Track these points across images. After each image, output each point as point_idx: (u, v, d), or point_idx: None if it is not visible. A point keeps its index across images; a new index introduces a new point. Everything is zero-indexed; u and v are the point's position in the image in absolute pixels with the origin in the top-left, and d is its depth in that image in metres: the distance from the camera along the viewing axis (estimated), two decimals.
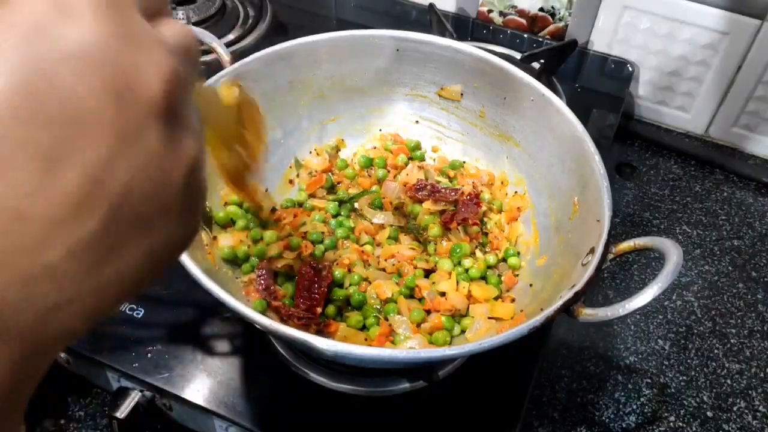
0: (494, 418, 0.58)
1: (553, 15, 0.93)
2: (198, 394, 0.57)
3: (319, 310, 0.57)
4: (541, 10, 0.93)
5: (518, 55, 0.90)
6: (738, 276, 0.77)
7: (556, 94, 0.63)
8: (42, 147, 0.19)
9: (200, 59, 0.26)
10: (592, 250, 0.52)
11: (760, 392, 0.66)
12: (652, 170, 0.90)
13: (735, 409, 0.65)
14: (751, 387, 0.67)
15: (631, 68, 0.91)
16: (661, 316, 0.72)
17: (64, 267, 0.20)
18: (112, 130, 0.20)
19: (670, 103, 0.93)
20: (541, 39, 0.96)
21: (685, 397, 0.66)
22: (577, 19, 0.92)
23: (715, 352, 0.70)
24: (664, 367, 0.68)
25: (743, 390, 0.66)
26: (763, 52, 0.82)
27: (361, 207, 0.69)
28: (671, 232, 0.82)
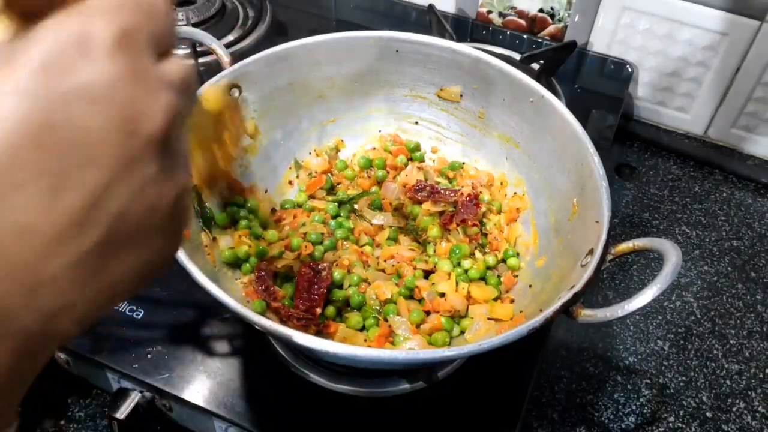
0: (494, 419, 0.58)
1: (553, 16, 0.93)
2: (198, 394, 0.57)
3: (318, 311, 0.57)
4: (541, 11, 0.94)
5: (517, 56, 0.90)
6: (737, 277, 0.77)
7: (556, 95, 0.63)
8: (51, 171, 0.21)
9: (196, 91, 0.29)
10: (591, 251, 0.52)
11: (759, 393, 0.66)
12: (651, 171, 0.90)
13: (734, 410, 0.65)
14: (750, 388, 0.67)
15: (630, 69, 0.91)
16: (661, 317, 0.73)
17: (65, 277, 0.22)
18: (115, 160, 0.22)
19: (670, 104, 0.93)
20: (540, 40, 0.96)
21: (685, 398, 0.66)
22: (576, 20, 0.92)
23: (715, 352, 0.70)
24: (664, 368, 0.68)
25: (742, 390, 0.66)
26: (762, 53, 0.82)
27: (361, 208, 0.69)
28: (670, 233, 0.82)
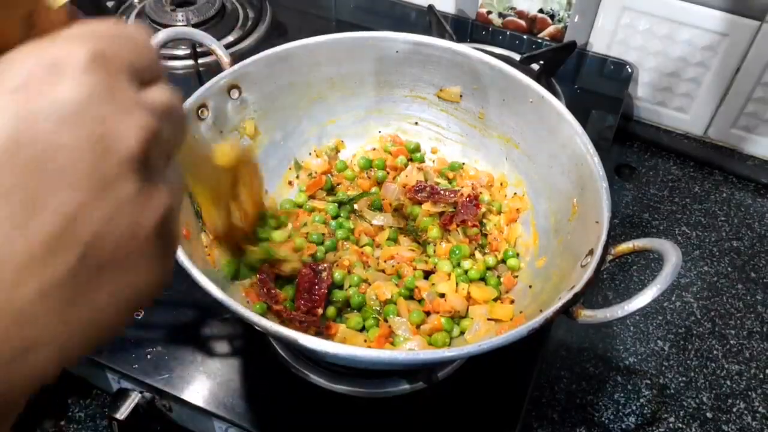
0: (494, 420, 0.58)
1: (553, 16, 0.93)
2: (198, 395, 0.57)
3: (320, 312, 0.57)
4: (541, 11, 0.94)
5: (517, 57, 0.90)
6: (737, 277, 0.77)
7: (555, 96, 0.63)
8: (20, 191, 0.20)
9: (186, 126, 0.28)
10: (591, 252, 0.52)
11: (760, 393, 0.66)
12: (651, 171, 0.90)
13: (734, 410, 0.65)
14: (750, 388, 0.67)
15: (630, 69, 0.91)
16: (661, 317, 0.73)
17: (35, 308, 0.21)
18: (88, 180, 0.21)
19: (669, 105, 0.93)
20: (540, 40, 0.96)
21: (685, 398, 0.66)
22: (576, 20, 0.92)
23: (715, 353, 0.70)
24: (664, 368, 0.68)
25: (743, 391, 0.66)
26: (761, 54, 0.82)
27: (361, 208, 0.69)
28: (670, 234, 0.82)
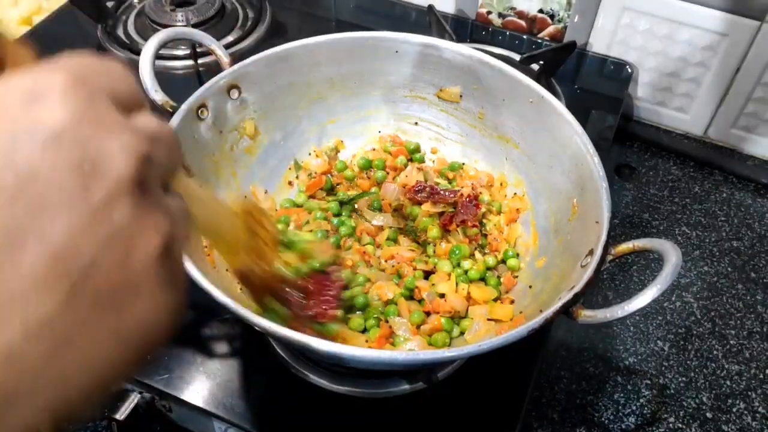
0: (494, 420, 0.58)
1: (552, 16, 0.93)
2: (197, 395, 0.57)
3: (336, 314, 0.55)
4: (540, 11, 0.93)
5: (517, 57, 0.90)
6: (737, 277, 0.77)
7: (555, 96, 0.63)
8: (2, 222, 0.18)
9: (178, 151, 0.26)
10: (591, 252, 0.52)
11: (760, 393, 0.66)
12: (651, 171, 0.90)
13: (734, 410, 0.65)
14: (750, 388, 0.67)
15: (630, 69, 0.91)
16: (661, 318, 0.72)
17: (22, 350, 0.18)
18: (75, 206, 0.20)
19: (669, 105, 0.93)
20: (540, 40, 0.96)
21: (685, 398, 0.66)
22: (576, 20, 0.92)
23: (715, 353, 0.70)
24: (664, 368, 0.68)
25: (742, 391, 0.66)
26: (761, 54, 0.82)
27: (361, 208, 0.69)
28: (670, 234, 0.82)
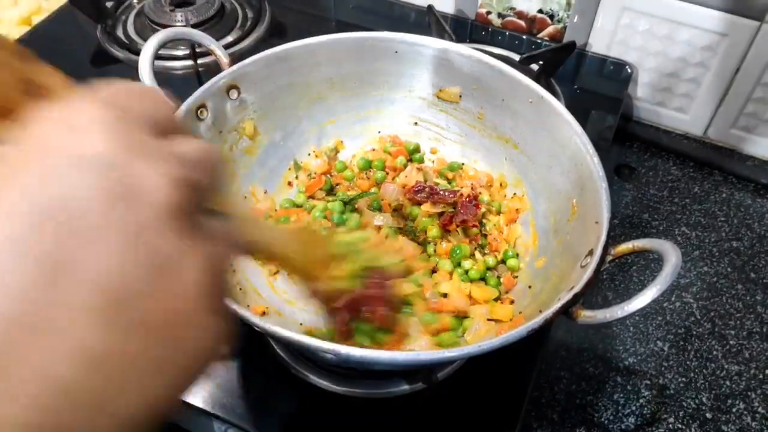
0: (493, 420, 0.58)
1: (552, 16, 0.93)
2: (197, 396, 0.57)
3: (392, 314, 0.53)
4: (540, 11, 0.93)
5: (517, 57, 0.90)
6: (737, 277, 0.77)
7: (555, 96, 0.63)
8: (47, 254, 0.19)
9: (220, 175, 0.26)
10: (590, 252, 0.52)
11: (759, 393, 0.66)
12: (650, 172, 0.90)
13: (734, 411, 0.65)
14: (750, 388, 0.67)
15: (629, 70, 0.91)
16: (660, 318, 0.72)
17: (76, 382, 0.19)
18: (117, 235, 0.20)
19: (669, 105, 0.93)
20: (539, 41, 0.96)
21: (684, 399, 0.66)
22: (575, 20, 0.92)
23: (714, 353, 0.70)
24: (663, 369, 0.68)
25: (742, 391, 0.66)
26: (761, 54, 0.82)
27: (361, 209, 0.69)
28: (670, 234, 0.82)
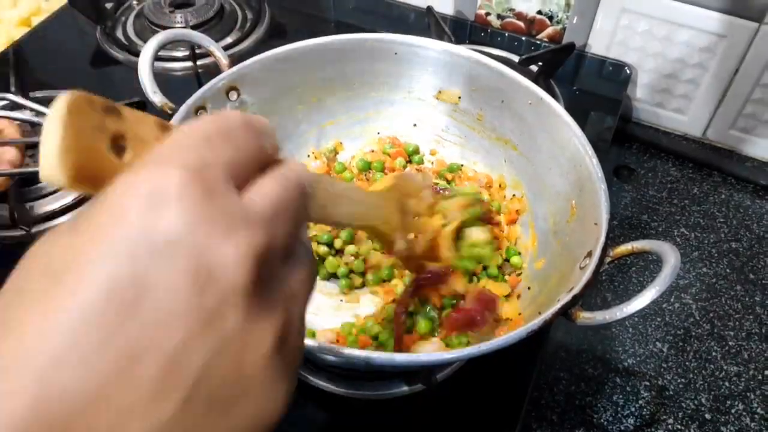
0: (493, 421, 0.58)
1: (551, 18, 0.93)
2: None
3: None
4: (539, 13, 0.94)
5: (516, 58, 0.90)
6: (736, 278, 0.77)
7: (554, 97, 0.63)
8: (119, 336, 0.19)
9: (307, 203, 0.26)
10: (589, 254, 0.52)
11: (758, 394, 0.66)
12: (649, 173, 0.90)
13: (733, 412, 0.65)
14: (749, 389, 0.67)
15: (629, 71, 0.91)
16: (659, 319, 0.72)
17: None
18: (187, 317, 0.20)
19: (668, 106, 0.93)
20: (539, 42, 0.96)
21: (684, 400, 0.66)
22: (575, 21, 0.92)
23: (714, 354, 0.70)
24: (663, 370, 0.68)
25: (741, 392, 0.66)
26: (760, 55, 0.82)
27: None
28: (669, 235, 0.82)
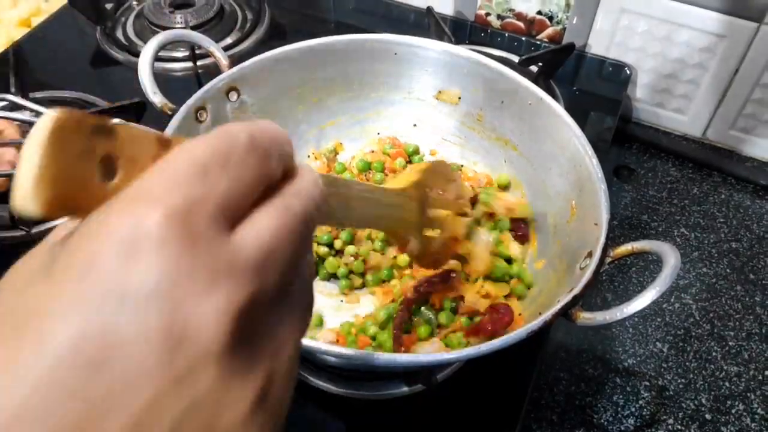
0: (493, 421, 0.58)
1: (551, 18, 0.93)
2: None
3: None
4: (539, 13, 0.94)
5: (516, 59, 0.90)
6: (736, 278, 0.77)
7: (554, 98, 0.63)
8: (84, 393, 0.18)
9: (312, 231, 0.25)
10: (590, 254, 0.52)
11: (759, 395, 0.66)
12: (649, 173, 0.90)
13: (733, 412, 0.65)
14: (749, 389, 0.67)
15: (628, 71, 0.91)
16: (660, 319, 0.72)
17: None
18: (160, 377, 0.19)
19: (668, 106, 0.93)
20: (538, 42, 0.96)
21: (684, 400, 0.66)
22: (574, 22, 0.92)
23: (714, 354, 0.70)
24: (663, 370, 0.68)
25: (741, 392, 0.66)
26: (760, 55, 0.82)
27: None
28: (669, 235, 0.82)
